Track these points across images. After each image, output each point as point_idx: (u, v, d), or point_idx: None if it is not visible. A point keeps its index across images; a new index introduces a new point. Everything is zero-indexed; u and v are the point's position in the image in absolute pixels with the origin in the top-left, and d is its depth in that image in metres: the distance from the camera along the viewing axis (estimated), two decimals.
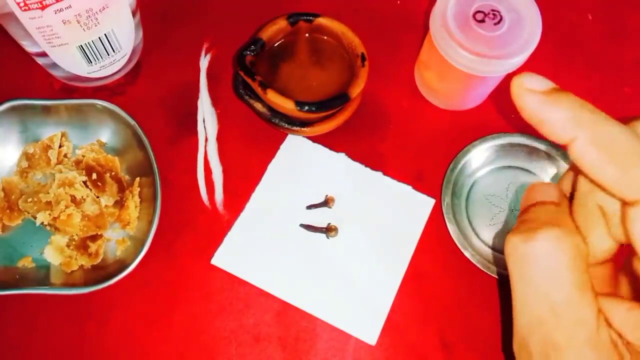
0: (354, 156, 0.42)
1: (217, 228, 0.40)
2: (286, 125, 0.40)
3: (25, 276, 0.37)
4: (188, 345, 0.37)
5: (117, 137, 0.40)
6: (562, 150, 0.41)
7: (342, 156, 0.42)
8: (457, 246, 0.39)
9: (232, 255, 0.39)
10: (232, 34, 0.44)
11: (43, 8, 0.33)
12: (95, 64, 0.40)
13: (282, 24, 0.39)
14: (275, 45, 0.41)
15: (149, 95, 0.43)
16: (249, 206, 0.40)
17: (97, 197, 0.38)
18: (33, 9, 0.32)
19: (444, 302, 0.38)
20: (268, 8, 0.44)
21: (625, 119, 0.21)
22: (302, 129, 0.40)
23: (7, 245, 0.38)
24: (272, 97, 0.37)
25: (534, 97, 0.20)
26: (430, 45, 0.38)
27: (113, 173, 0.39)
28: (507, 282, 0.28)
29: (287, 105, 0.37)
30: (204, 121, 0.43)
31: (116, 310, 0.38)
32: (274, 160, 0.42)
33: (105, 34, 0.38)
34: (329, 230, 0.39)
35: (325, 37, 0.41)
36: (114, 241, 0.39)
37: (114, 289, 0.36)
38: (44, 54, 0.37)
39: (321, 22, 0.40)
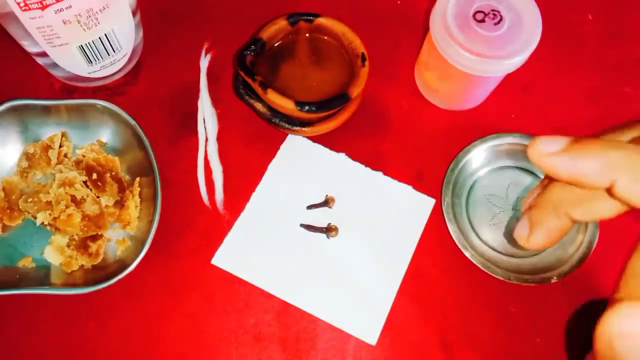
0: (354, 156, 0.42)
1: (217, 228, 0.40)
2: (286, 125, 0.40)
3: (26, 276, 0.37)
4: (188, 345, 0.37)
5: (117, 137, 0.40)
6: None
7: (342, 156, 0.42)
8: (457, 246, 0.39)
9: (232, 255, 0.39)
10: (232, 34, 0.44)
11: (43, 8, 0.33)
12: (96, 64, 0.40)
13: (282, 24, 0.39)
14: (276, 45, 0.41)
15: (149, 95, 0.43)
16: (249, 206, 0.40)
17: (98, 197, 0.38)
18: (33, 8, 0.32)
19: (444, 302, 0.38)
20: (268, 8, 0.44)
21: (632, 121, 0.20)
22: (302, 129, 0.40)
23: (7, 245, 0.38)
24: (272, 97, 0.37)
25: (560, 159, 0.19)
26: (430, 45, 0.38)
27: (113, 173, 0.39)
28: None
29: (287, 105, 0.37)
30: (204, 121, 0.43)
31: (116, 310, 0.38)
32: (274, 160, 0.42)
33: (105, 34, 0.38)
34: (329, 230, 0.39)
35: (325, 37, 0.41)
36: (114, 241, 0.39)
37: (114, 289, 0.36)
38: (44, 54, 0.37)
39: (321, 22, 0.40)
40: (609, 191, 0.19)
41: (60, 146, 0.40)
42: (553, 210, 0.22)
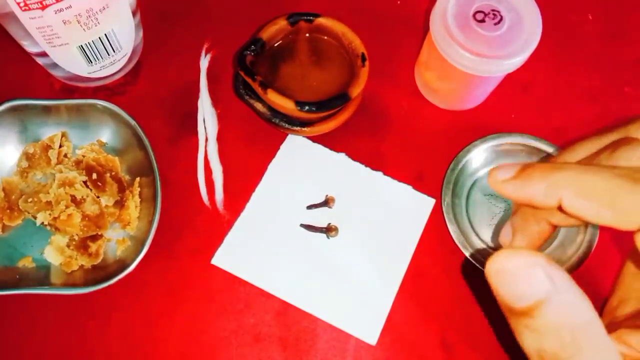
0: (354, 156, 0.42)
1: (217, 228, 0.40)
2: (286, 125, 0.40)
3: (26, 276, 0.37)
4: (188, 345, 0.37)
5: (117, 137, 0.40)
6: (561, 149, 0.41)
7: (342, 156, 0.42)
8: (457, 246, 0.39)
9: (232, 255, 0.39)
10: (232, 34, 0.44)
11: (43, 8, 0.33)
12: (96, 64, 0.40)
13: (282, 24, 0.39)
14: (276, 45, 0.41)
15: (149, 95, 0.43)
16: (249, 206, 0.40)
17: (97, 197, 0.38)
18: (33, 9, 0.32)
19: (444, 302, 0.38)
20: (268, 8, 0.44)
21: (624, 121, 0.21)
22: (302, 129, 0.40)
23: (7, 245, 0.38)
24: (273, 97, 0.37)
25: (511, 185, 0.21)
26: (430, 45, 0.38)
27: (113, 173, 0.39)
28: None
29: (287, 105, 0.37)
30: (204, 121, 0.43)
31: (116, 310, 0.38)
32: (274, 160, 0.42)
33: (105, 34, 0.38)
34: (329, 230, 0.39)
35: (325, 37, 0.41)
36: (114, 241, 0.39)
37: (114, 289, 0.36)
38: (44, 54, 0.37)
39: (321, 22, 0.40)
40: (560, 210, 0.20)
41: (60, 146, 0.40)
42: (532, 216, 0.24)
